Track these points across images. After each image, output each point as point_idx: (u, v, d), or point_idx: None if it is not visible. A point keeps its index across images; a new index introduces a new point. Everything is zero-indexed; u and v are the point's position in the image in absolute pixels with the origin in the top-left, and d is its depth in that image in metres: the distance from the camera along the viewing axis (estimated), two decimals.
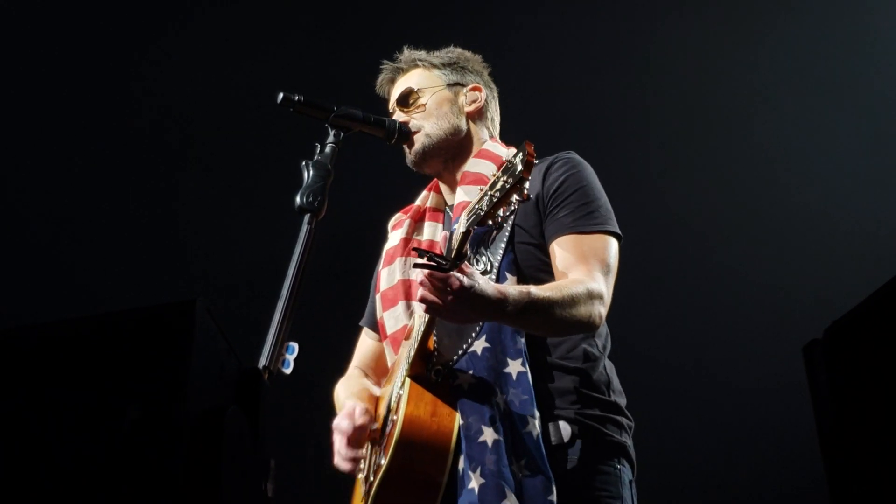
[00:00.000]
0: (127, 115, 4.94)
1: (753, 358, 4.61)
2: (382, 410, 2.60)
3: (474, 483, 2.25)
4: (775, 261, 4.75)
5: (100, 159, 4.91)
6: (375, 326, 2.80)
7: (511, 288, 2.32)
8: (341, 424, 2.55)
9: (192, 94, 5.00)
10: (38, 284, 4.73)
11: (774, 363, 4.39)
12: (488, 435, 2.28)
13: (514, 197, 2.11)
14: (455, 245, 2.21)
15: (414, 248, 2.13)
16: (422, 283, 2.21)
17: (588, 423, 2.44)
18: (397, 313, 2.64)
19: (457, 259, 2.18)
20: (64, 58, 4.91)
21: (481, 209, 2.15)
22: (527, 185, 2.09)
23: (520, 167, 2.06)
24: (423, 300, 2.23)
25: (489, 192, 2.14)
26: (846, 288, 4.12)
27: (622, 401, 2.56)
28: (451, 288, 2.18)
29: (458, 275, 2.17)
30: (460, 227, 2.22)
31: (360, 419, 2.53)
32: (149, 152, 4.96)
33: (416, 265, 2.17)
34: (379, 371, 2.83)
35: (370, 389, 2.72)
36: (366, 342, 2.93)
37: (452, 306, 2.20)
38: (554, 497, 2.25)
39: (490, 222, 2.15)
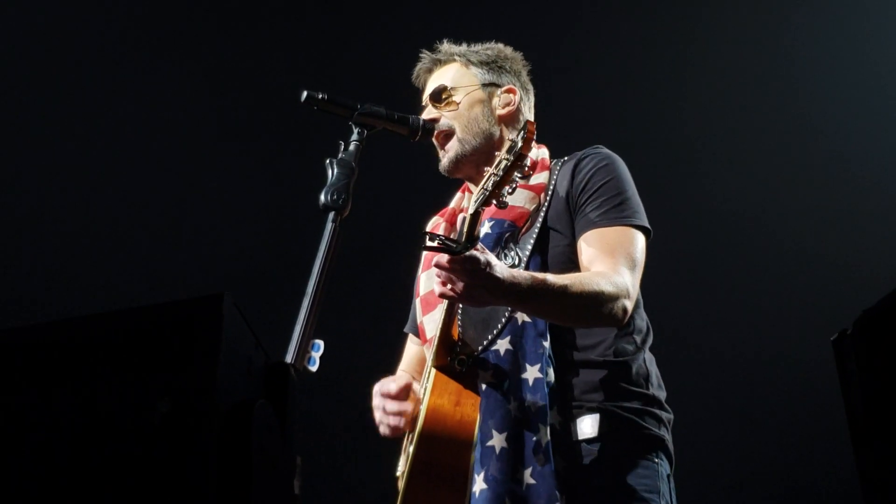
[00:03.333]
0: (153, 110, 4.98)
1: (782, 349, 4.59)
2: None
3: (476, 487, 2.26)
4: (804, 251, 4.73)
5: (127, 156, 4.95)
6: (418, 331, 2.79)
7: (525, 273, 2.33)
8: (384, 385, 2.55)
9: (218, 92, 5.02)
10: (65, 280, 4.77)
11: (803, 354, 4.36)
12: (497, 441, 2.29)
13: (516, 174, 2.15)
14: (466, 228, 2.21)
15: (424, 232, 2.13)
16: (435, 265, 2.21)
17: (626, 415, 2.44)
18: (436, 318, 2.61)
19: (468, 242, 2.17)
20: (84, 50, 4.96)
21: (487, 189, 2.18)
22: (527, 161, 2.14)
23: (519, 144, 2.11)
24: (441, 288, 2.24)
25: (493, 172, 2.18)
26: (876, 278, 4.10)
27: (661, 394, 2.55)
28: (464, 268, 2.17)
29: (470, 255, 2.16)
30: (469, 209, 2.23)
31: (400, 379, 2.53)
32: (175, 149, 4.99)
33: (425, 247, 2.17)
34: None
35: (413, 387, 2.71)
36: (411, 348, 2.92)
37: (467, 288, 2.20)
38: None
39: (495, 202, 2.18)
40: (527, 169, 2.16)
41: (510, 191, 2.19)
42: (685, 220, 4.73)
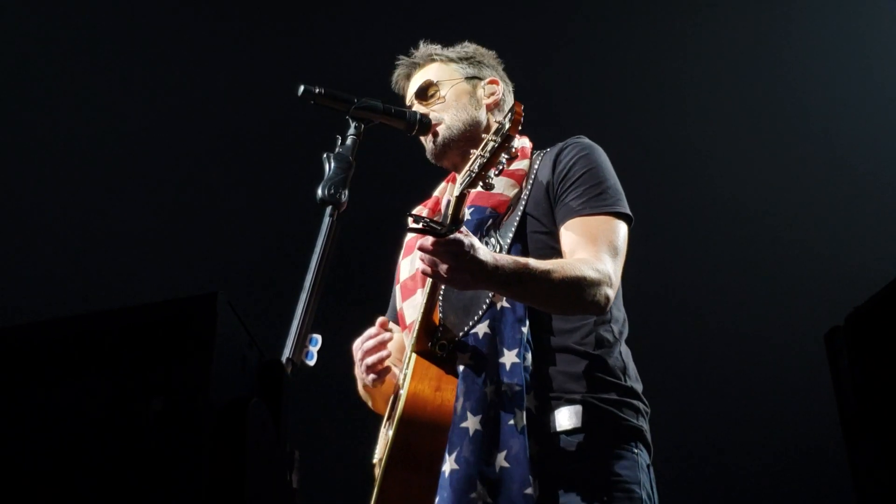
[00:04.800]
0: (148, 107, 4.97)
1: (774, 344, 4.59)
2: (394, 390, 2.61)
3: (447, 467, 2.26)
4: (796, 246, 4.73)
5: (121, 152, 4.95)
6: (398, 319, 2.80)
7: (508, 257, 2.34)
8: (357, 341, 2.59)
9: (214, 87, 5.02)
10: (60, 279, 4.77)
11: (795, 351, 4.37)
12: (471, 423, 2.29)
13: (503, 156, 2.17)
14: (451, 210, 2.21)
15: (409, 214, 2.13)
16: (420, 248, 2.22)
17: (604, 407, 2.43)
18: (416, 302, 2.64)
19: (453, 224, 2.18)
20: (80, 47, 4.95)
21: (473, 171, 2.20)
22: (515, 142, 2.16)
23: (507, 125, 2.13)
24: (424, 267, 2.25)
25: (480, 154, 2.20)
26: (868, 274, 4.10)
27: (638, 386, 2.55)
28: (448, 251, 2.18)
29: (454, 237, 2.17)
30: (454, 191, 2.24)
31: (376, 329, 2.57)
32: (170, 145, 4.99)
33: (410, 229, 2.17)
34: None
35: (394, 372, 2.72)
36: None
37: (451, 271, 2.21)
38: (531, 490, 2.25)
39: (481, 183, 2.19)
40: (514, 150, 2.17)
41: (497, 173, 2.20)
42: (678, 214, 4.73)
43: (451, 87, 2.82)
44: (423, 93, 2.84)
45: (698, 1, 5.03)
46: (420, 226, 2.16)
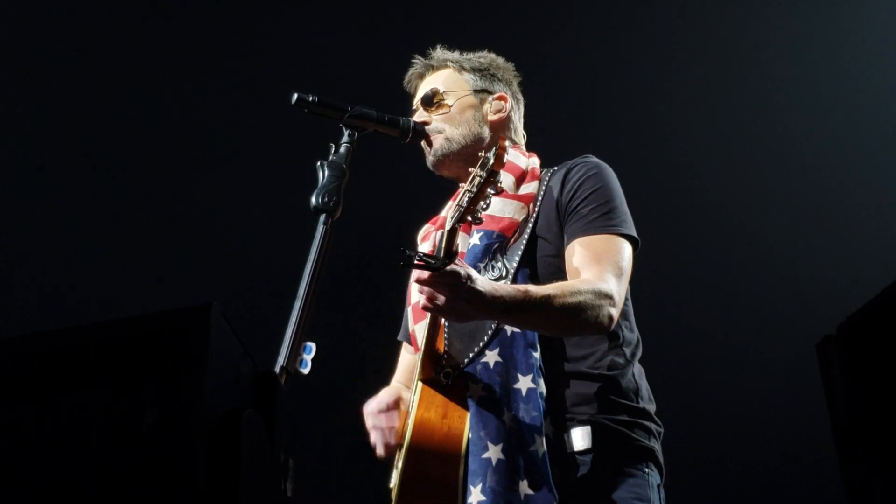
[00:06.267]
0: (142, 116, 4.96)
1: (765, 356, 4.59)
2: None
3: (474, 499, 2.26)
4: (787, 256, 4.74)
5: (116, 162, 4.94)
6: (410, 339, 2.78)
7: (507, 286, 2.34)
8: (369, 404, 2.61)
9: (207, 95, 5.01)
10: (54, 291, 4.76)
11: (787, 360, 4.37)
12: (493, 452, 2.29)
13: (489, 190, 2.16)
14: (444, 244, 2.21)
15: (401, 248, 2.13)
16: (417, 281, 2.22)
17: (615, 427, 2.44)
18: (426, 325, 2.61)
19: (446, 257, 2.17)
20: (75, 55, 4.94)
21: (462, 205, 2.19)
22: (499, 177, 2.15)
23: (491, 160, 2.13)
24: (423, 302, 2.25)
25: (468, 188, 2.19)
26: (860, 283, 4.11)
27: (651, 407, 2.55)
28: (445, 283, 2.18)
29: (450, 269, 2.17)
30: (446, 225, 2.24)
31: (385, 395, 2.60)
32: (163, 154, 4.98)
33: (402, 265, 2.16)
34: None
35: (402, 395, 2.72)
36: (405, 357, 2.92)
37: (449, 302, 2.21)
38: None
39: (470, 218, 2.19)
40: (499, 185, 2.17)
41: (485, 206, 2.19)
42: (668, 225, 4.73)
43: (457, 98, 2.81)
44: (429, 100, 2.83)
45: (687, 6, 5.04)
46: (414, 261, 2.15)
